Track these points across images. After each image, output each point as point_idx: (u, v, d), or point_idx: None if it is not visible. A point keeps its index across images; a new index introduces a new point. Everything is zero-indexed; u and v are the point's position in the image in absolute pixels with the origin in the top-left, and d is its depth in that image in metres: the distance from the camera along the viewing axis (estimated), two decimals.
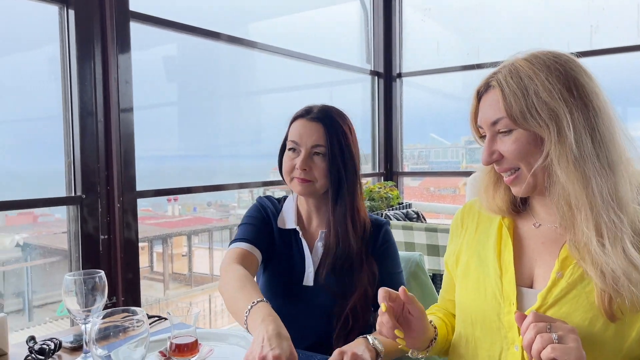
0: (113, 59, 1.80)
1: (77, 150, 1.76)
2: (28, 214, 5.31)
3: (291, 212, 1.40)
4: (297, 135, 1.33)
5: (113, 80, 1.82)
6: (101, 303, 1.14)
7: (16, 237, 4.83)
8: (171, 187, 2.14)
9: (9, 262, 4.89)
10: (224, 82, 3.44)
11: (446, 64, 3.09)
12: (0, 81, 4.08)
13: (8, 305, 5.02)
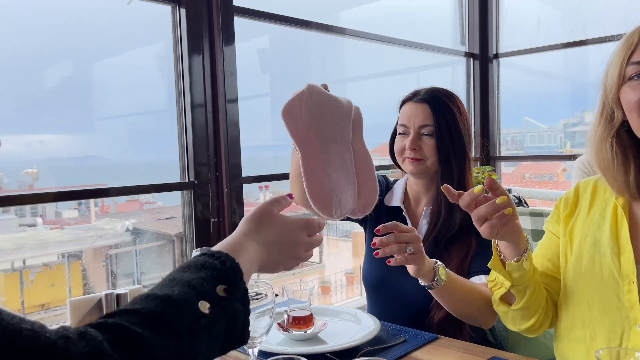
0: (219, 53, 1.91)
1: (189, 140, 1.90)
2: (135, 202, 5.77)
3: (399, 192, 1.46)
4: (406, 118, 1.37)
5: (220, 73, 1.93)
6: None
7: (126, 223, 5.28)
8: (272, 174, 2.23)
9: (120, 245, 5.36)
10: (313, 72, 3.51)
11: (547, 42, 2.94)
12: (114, 78, 4.44)
13: (120, 284, 5.50)
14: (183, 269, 0.58)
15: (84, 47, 4.00)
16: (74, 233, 5.37)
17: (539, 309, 1.08)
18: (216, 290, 0.55)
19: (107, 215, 5.62)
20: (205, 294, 0.54)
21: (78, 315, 1.21)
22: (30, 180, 4.61)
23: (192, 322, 0.52)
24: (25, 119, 4.70)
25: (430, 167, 1.37)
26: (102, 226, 5.42)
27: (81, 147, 5.53)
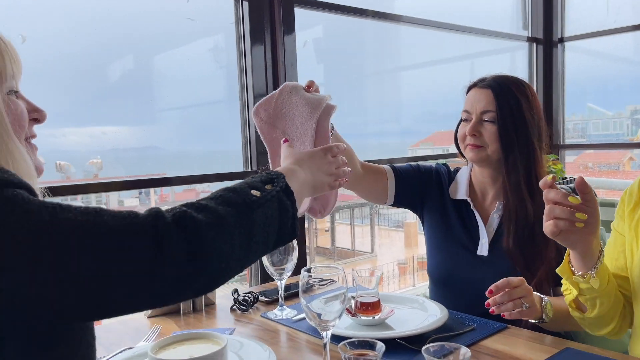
0: (280, 43, 1.94)
1: (251, 130, 1.94)
2: (191, 191, 5.97)
3: (463, 184, 1.42)
4: (469, 104, 1.35)
5: (281, 64, 1.96)
6: (292, 263, 1.28)
7: None
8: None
9: None
10: (368, 61, 3.49)
11: (617, 24, 2.79)
12: (173, 71, 4.58)
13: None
14: (242, 183, 0.72)
15: (145, 41, 4.15)
16: None
17: (615, 316, 1.05)
18: (264, 186, 0.70)
19: (166, 203, 5.85)
20: (255, 186, 0.70)
21: None
22: (95, 170, 4.86)
23: (245, 199, 0.68)
24: (89, 111, 4.93)
25: (491, 155, 1.32)
26: None
27: (141, 138, 5.74)
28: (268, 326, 1.22)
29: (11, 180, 0.61)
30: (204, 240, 0.61)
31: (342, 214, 6.63)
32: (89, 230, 0.57)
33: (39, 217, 0.57)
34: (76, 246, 0.56)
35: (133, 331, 1.19)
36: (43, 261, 0.55)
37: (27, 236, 0.56)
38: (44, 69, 0.87)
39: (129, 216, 0.60)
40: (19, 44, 0.76)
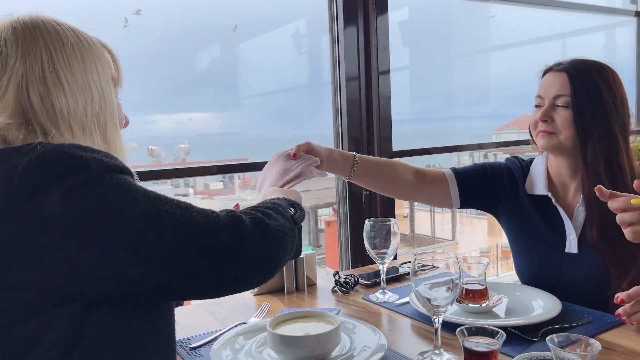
0: (373, 25, 1.92)
1: (344, 114, 1.95)
2: None
3: (541, 177, 1.33)
4: (542, 89, 1.27)
5: (373, 47, 1.94)
6: (393, 247, 1.27)
7: None
8: (419, 148, 2.22)
9: None
10: (455, 42, 3.38)
11: None
12: (256, 58, 4.68)
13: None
14: (272, 202, 0.85)
15: (231, 30, 4.27)
16: (221, 203, 5.88)
17: None
18: (290, 209, 0.85)
19: (248, 187, 6.06)
20: (289, 206, 0.86)
21: None
22: (183, 154, 5.10)
23: (289, 215, 0.82)
24: (177, 99, 5.15)
25: (564, 142, 1.23)
26: (244, 197, 5.86)
27: (224, 124, 5.95)
28: (371, 308, 1.23)
29: (120, 166, 0.68)
30: (275, 242, 0.75)
31: None
32: (184, 225, 0.66)
33: (143, 206, 0.65)
34: (172, 239, 0.65)
35: (243, 307, 1.25)
36: (142, 251, 0.63)
37: (133, 224, 0.63)
38: (138, 59, 0.95)
39: (212, 215, 0.70)
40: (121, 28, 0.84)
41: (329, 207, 5.81)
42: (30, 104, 0.70)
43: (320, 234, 5.99)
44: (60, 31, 0.74)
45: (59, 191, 0.61)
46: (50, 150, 0.64)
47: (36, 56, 0.71)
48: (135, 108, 0.93)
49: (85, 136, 0.74)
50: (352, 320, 1.07)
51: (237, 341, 1.01)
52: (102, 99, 0.76)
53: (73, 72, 0.73)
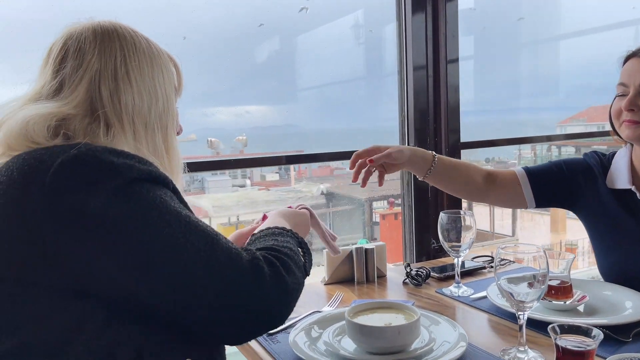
0: (442, 12, 1.87)
1: (410, 105, 1.91)
2: (326, 168, 6.14)
3: (624, 171, 1.25)
4: (626, 76, 1.19)
5: (442, 35, 1.89)
6: (469, 240, 1.23)
7: (321, 186, 5.66)
8: (496, 139, 2.15)
9: (315, 207, 5.79)
10: (523, 30, 3.24)
11: None
12: (314, 50, 4.67)
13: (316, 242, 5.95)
14: (273, 234, 0.85)
15: (290, 22, 4.28)
16: (277, 194, 5.96)
17: None
18: (299, 251, 0.84)
19: (303, 178, 6.10)
20: (298, 248, 0.84)
21: (333, 265, 1.33)
22: (240, 146, 5.20)
23: (301, 264, 0.81)
24: (235, 92, 5.22)
25: None
26: (300, 189, 5.92)
27: (281, 117, 5.97)
28: (445, 302, 1.20)
29: (154, 173, 0.69)
30: (288, 302, 0.75)
31: None
32: (205, 263, 0.66)
33: (171, 231, 0.66)
34: (190, 274, 0.65)
35: (314, 295, 1.25)
36: (154, 276, 0.65)
37: (155, 248, 0.64)
38: (200, 54, 0.98)
39: (235, 259, 0.69)
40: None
41: (384, 200, 5.78)
42: (99, 97, 0.75)
43: (375, 227, 5.97)
44: (134, 37, 0.80)
45: (86, 194, 0.63)
46: (82, 154, 0.65)
47: (111, 55, 0.77)
48: (195, 101, 0.97)
49: (147, 134, 0.79)
50: (430, 314, 1.05)
51: (314, 329, 1.01)
52: (166, 103, 0.81)
53: (142, 73, 0.78)
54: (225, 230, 5.91)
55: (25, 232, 0.63)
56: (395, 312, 0.97)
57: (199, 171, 2.44)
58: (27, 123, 0.70)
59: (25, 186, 0.64)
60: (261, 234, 0.86)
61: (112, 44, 0.77)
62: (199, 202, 5.93)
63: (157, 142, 0.80)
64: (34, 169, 0.65)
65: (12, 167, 0.67)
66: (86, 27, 0.80)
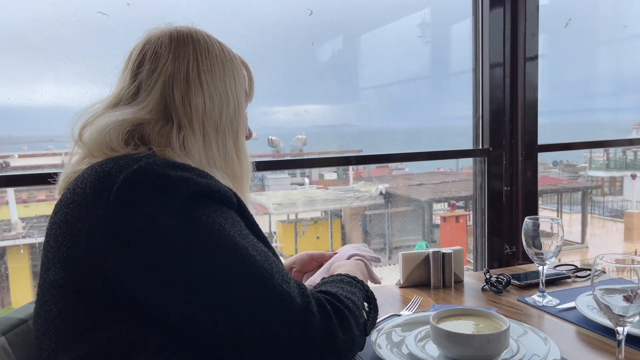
0: (522, 7, 1.80)
1: (485, 104, 1.85)
2: (385, 167, 6.07)
3: None
4: None
5: (521, 33, 1.82)
6: (555, 248, 1.17)
7: (380, 187, 5.61)
8: (573, 142, 2.05)
9: (374, 207, 5.72)
10: (602, 25, 3.07)
11: None
12: (377, 50, 4.63)
13: (372, 243, 5.91)
14: (342, 282, 0.83)
15: (354, 20, 4.27)
16: (335, 193, 5.96)
17: None
18: (364, 306, 0.81)
19: (361, 179, 6.07)
20: (363, 307, 0.81)
21: (408, 268, 1.30)
22: (300, 145, 5.24)
23: (361, 322, 0.77)
24: (295, 91, 5.25)
25: None
26: (358, 188, 5.88)
27: (340, 116, 5.94)
28: (528, 311, 1.15)
29: (214, 189, 0.68)
30: (335, 356, 0.70)
31: (548, 198, 6.07)
32: (250, 306, 0.64)
33: (223, 264, 0.64)
34: (232, 313, 0.63)
35: (390, 298, 1.24)
36: (196, 301, 0.63)
37: (201, 278, 0.63)
38: (258, 52, 0.97)
39: (286, 304, 0.66)
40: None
41: (445, 202, 5.64)
42: (172, 100, 0.76)
43: (434, 229, 5.84)
44: (208, 42, 0.82)
45: (144, 214, 0.63)
46: (142, 169, 0.65)
47: (184, 59, 0.78)
48: (256, 100, 0.98)
49: (218, 137, 0.79)
50: (517, 323, 1.00)
51: (395, 332, 0.99)
52: (237, 107, 0.82)
53: (214, 77, 0.79)
54: (284, 228, 5.95)
55: (91, 246, 0.64)
56: (481, 320, 0.93)
57: (263, 170, 2.48)
58: (104, 131, 0.73)
59: (94, 202, 0.65)
60: (327, 279, 0.84)
61: (185, 48, 0.79)
62: (260, 199, 6.02)
63: (227, 146, 0.80)
64: (102, 184, 0.66)
65: (86, 179, 0.68)
66: (164, 32, 0.82)
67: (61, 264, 0.66)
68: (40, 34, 1.83)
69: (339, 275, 0.85)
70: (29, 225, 3.40)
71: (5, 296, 3.19)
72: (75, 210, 0.67)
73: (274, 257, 0.72)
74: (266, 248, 0.71)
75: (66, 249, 0.66)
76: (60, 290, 0.67)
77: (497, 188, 1.87)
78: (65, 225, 0.67)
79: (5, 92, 1.74)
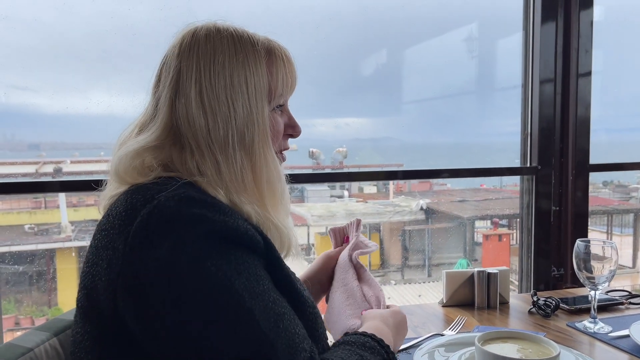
0: (575, 22, 1.75)
1: (534, 121, 1.80)
2: (426, 183, 5.99)
3: None
4: None
5: (574, 50, 1.77)
6: (610, 272, 1.12)
7: (420, 202, 5.54)
8: (626, 162, 1.97)
9: (414, 223, 5.66)
10: None
11: None
12: (422, 64, 4.60)
13: (411, 259, 5.82)
14: (364, 346, 0.72)
15: (399, 35, 4.26)
16: (375, 207, 5.91)
17: None
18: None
19: (403, 193, 6.00)
20: None
21: (452, 287, 1.27)
22: (340, 158, 5.23)
23: None
24: (336, 104, 5.26)
25: None
26: (398, 203, 5.82)
27: (382, 129, 5.90)
28: (578, 337, 1.10)
29: (232, 227, 0.62)
30: None
31: (597, 219, 5.81)
32: None
33: (218, 326, 0.58)
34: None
35: (433, 317, 1.21)
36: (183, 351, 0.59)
37: (200, 341, 0.58)
38: (301, 64, 0.88)
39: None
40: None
41: (488, 220, 5.51)
42: (180, 122, 0.71)
43: (476, 247, 5.70)
44: (217, 46, 0.73)
45: (154, 256, 0.60)
46: (161, 205, 0.62)
47: (188, 74, 0.71)
48: (297, 112, 0.91)
49: (228, 158, 0.71)
50: (569, 351, 0.96)
51: (438, 351, 0.96)
52: (249, 118, 0.72)
53: (217, 92, 0.70)
54: (322, 240, 5.95)
55: (107, 279, 0.62)
56: (528, 345, 0.90)
57: (301, 183, 2.48)
58: (126, 160, 0.70)
59: (118, 234, 0.63)
60: (350, 339, 0.74)
61: (190, 60, 0.72)
62: (298, 210, 6.04)
63: (237, 168, 0.71)
64: (127, 216, 0.63)
65: (118, 207, 0.66)
66: (177, 39, 0.75)
67: (86, 290, 0.66)
68: (97, 47, 1.92)
69: (364, 336, 0.75)
70: (78, 228, 3.54)
71: (53, 297, 3.32)
72: (105, 239, 0.65)
73: (295, 313, 0.66)
74: (285, 303, 0.65)
75: (91, 277, 0.65)
76: (84, 317, 0.67)
77: (545, 207, 1.81)
78: (95, 251, 0.66)
79: (65, 101, 1.83)
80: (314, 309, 0.72)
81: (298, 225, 6.13)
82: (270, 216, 0.73)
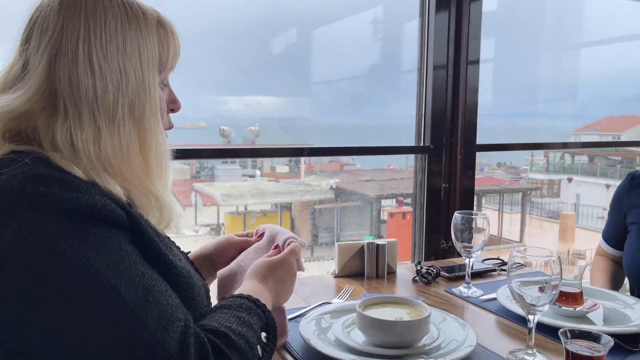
0: (466, 12, 1.87)
1: (428, 103, 1.91)
2: (336, 163, 6.15)
3: None
4: None
5: (464, 37, 1.89)
6: (481, 241, 1.24)
7: (330, 181, 5.67)
8: (511, 143, 2.14)
9: (324, 202, 5.78)
10: (546, 35, 3.23)
11: None
12: (330, 44, 4.65)
13: (320, 237, 5.96)
14: (240, 308, 0.72)
15: (309, 14, 4.27)
16: (286, 186, 5.98)
17: None
18: (262, 337, 0.71)
19: (313, 172, 6.11)
20: (259, 339, 0.71)
21: (343, 258, 1.34)
22: (252, 137, 5.19)
23: (253, 355, 0.68)
24: (247, 81, 5.20)
25: None
26: (309, 182, 5.92)
27: (292, 109, 5.98)
28: (454, 302, 1.20)
29: (85, 205, 0.59)
30: None
31: (491, 198, 6.31)
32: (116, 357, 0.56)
33: (82, 312, 0.56)
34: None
35: (324, 287, 1.26)
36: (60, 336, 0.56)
37: (63, 331, 0.56)
38: (209, 39, 0.85)
39: (157, 351, 0.57)
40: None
41: (393, 199, 5.78)
42: (59, 83, 0.65)
43: (382, 224, 5.98)
44: (107, 6, 0.68)
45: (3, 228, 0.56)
46: (1, 188, 0.58)
47: (73, 31, 0.66)
48: (206, 88, 0.88)
49: (114, 127, 0.67)
50: (440, 312, 1.05)
51: (324, 319, 1.02)
52: (141, 87, 0.69)
53: (109, 56, 0.67)
54: (233, 220, 5.93)
55: None
56: (405, 308, 0.97)
57: (213, 158, 2.44)
58: None
59: None
60: (227, 302, 0.73)
61: (76, 17, 0.66)
62: (208, 190, 5.93)
63: (126, 138, 0.68)
64: None
65: None
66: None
67: None
68: None
69: (240, 297, 0.75)
70: None
71: None
72: None
73: (167, 284, 0.65)
74: (156, 275, 0.63)
75: None
76: None
77: (437, 185, 1.93)
78: None
79: None
80: (190, 279, 0.73)
81: (208, 205, 6.04)
82: (153, 188, 0.71)
